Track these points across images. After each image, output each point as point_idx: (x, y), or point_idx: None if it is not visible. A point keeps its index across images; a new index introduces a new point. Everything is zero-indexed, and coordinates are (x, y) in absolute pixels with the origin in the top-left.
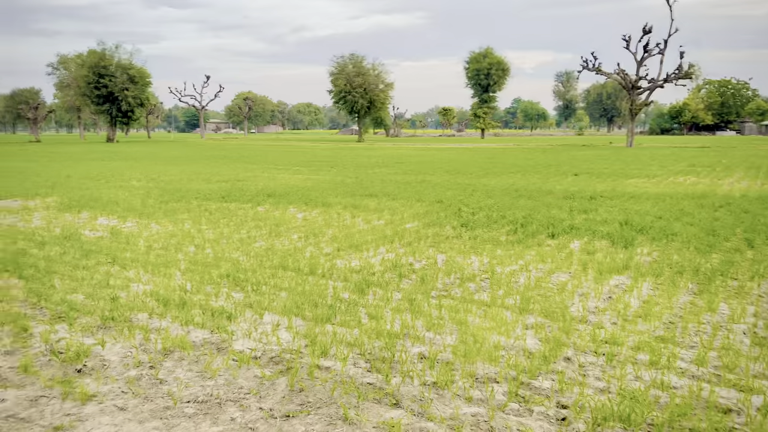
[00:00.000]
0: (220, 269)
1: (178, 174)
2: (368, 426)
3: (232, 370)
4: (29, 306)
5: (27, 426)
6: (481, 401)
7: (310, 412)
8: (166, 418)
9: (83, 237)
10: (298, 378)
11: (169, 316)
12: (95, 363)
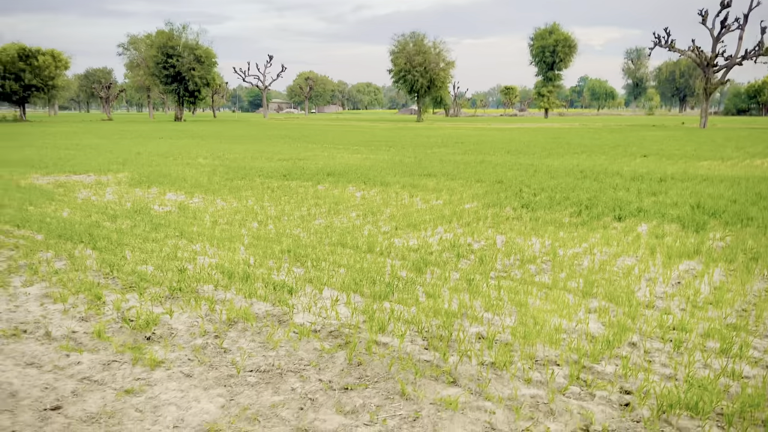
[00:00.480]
0: (282, 245)
1: (242, 152)
2: (425, 402)
3: (292, 342)
4: (102, 275)
5: (100, 388)
6: (541, 383)
7: (368, 386)
8: (230, 386)
9: (152, 211)
10: (356, 352)
11: (233, 288)
12: (163, 331)
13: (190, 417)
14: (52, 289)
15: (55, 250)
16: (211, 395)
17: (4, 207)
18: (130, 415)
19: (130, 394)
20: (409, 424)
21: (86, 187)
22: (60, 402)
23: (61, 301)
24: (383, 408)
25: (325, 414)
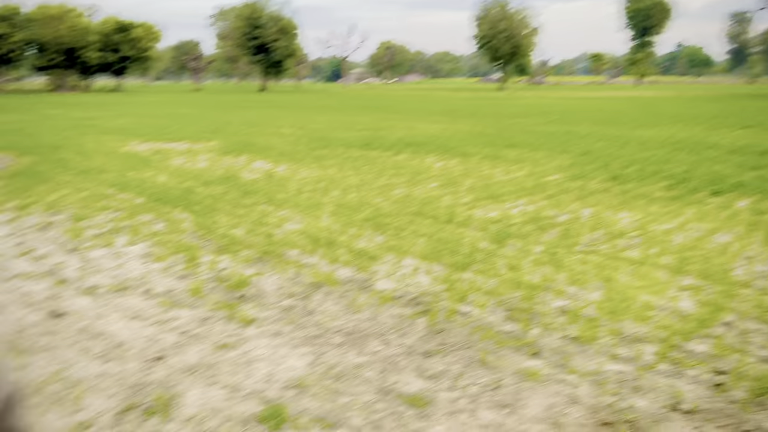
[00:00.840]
0: (363, 213)
1: (324, 122)
2: (506, 371)
3: (374, 307)
4: (197, 238)
5: (199, 341)
6: (628, 360)
7: (449, 353)
8: (316, 345)
9: (242, 178)
10: (436, 320)
11: (318, 253)
12: (254, 291)
13: (280, 372)
14: (152, 249)
15: (154, 213)
16: (299, 353)
17: (107, 172)
18: (225, 368)
19: (225, 348)
20: (491, 392)
21: (180, 154)
22: (162, 353)
23: (160, 261)
24: (464, 375)
25: (407, 377)
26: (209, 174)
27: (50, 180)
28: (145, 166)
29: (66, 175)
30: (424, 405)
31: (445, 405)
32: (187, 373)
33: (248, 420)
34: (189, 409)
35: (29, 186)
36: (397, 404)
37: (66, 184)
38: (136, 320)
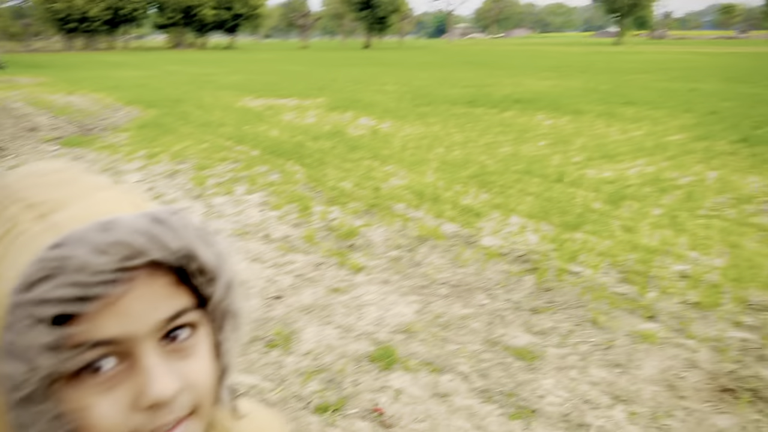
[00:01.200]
0: (468, 170)
1: (427, 79)
2: (619, 333)
3: (480, 262)
4: (309, 189)
5: (313, 284)
6: (753, 328)
7: (558, 311)
8: (423, 294)
9: (348, 134)
10: (545, 278)
11: (423, 208)
12: (362, 241)
13: (388, 317)
14: (268, 198)
15: (269, 165)
16: (407, 301)
17: (224, 125)
18: (338, 310)
19: (337, 292)
20: (602, 352)
21: (290, 110)
22: (281, 293)
23: (276, 209)
24: (574, 333)
25: (514, 331)
26: (317, 129)
27: (174, 131)
28: (258, 120)
29: (187, 127)
30: (533, 359)
31: (554, 360)
32: (304, 312)
33: (361, 359)
34: (306, 344)
35: (155, 136)
36: (504, 356)
37: (188, 136)
38: (256, 262)
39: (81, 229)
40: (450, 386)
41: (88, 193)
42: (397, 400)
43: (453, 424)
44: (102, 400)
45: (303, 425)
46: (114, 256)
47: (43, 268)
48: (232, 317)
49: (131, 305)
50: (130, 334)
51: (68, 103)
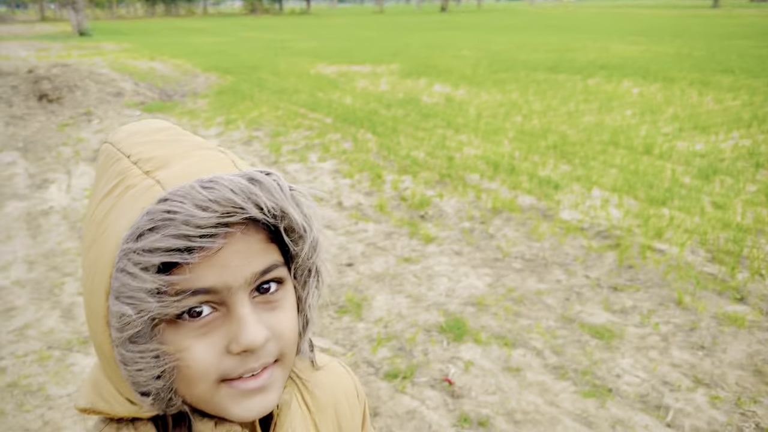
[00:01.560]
0: (547, 140)
1: (506, 43)
2: (705, 314)
3: (557, 236)
4: (381, 158)
5: (384, 252)
6: None
7: (640, 289)
8: (496, 267)
9: (422, 102)
10: (627, 255)
11: (498, 179)
12: (434, 212)
13: (460, 289)
14: (341, 166)
15: (342, 133)
16: (479, 273)
17: (299, 92)
18: (409, 279)
19: (408, 261)
20: (685, 333)
21: (363, 76)
22: (352, 260)
23: (348, 177)
24: (656, 312)
25: (592, 308)
26: (391, 96)
27: (250, 98)
28: (332, 87)
29: (263, 93)
30: (611, 337)
31: (633, 340)
32: (375, 281)
33: (430, 328)
34: (377, 312)
35: (233, 103)
36: (579, 333)
37: (264, 103)
38: (328, 229)
39: (185, 186)
40: (522, 361)
41: (190, 152)
42: (467, 371)
43: (524, 399)
44: (198, 344)
45: (373, 390)
46: (215, 212)
47: (151, 220)
48: (316, 274)
49: (229, 258)
50: (227, 284)
51: (150, 68)
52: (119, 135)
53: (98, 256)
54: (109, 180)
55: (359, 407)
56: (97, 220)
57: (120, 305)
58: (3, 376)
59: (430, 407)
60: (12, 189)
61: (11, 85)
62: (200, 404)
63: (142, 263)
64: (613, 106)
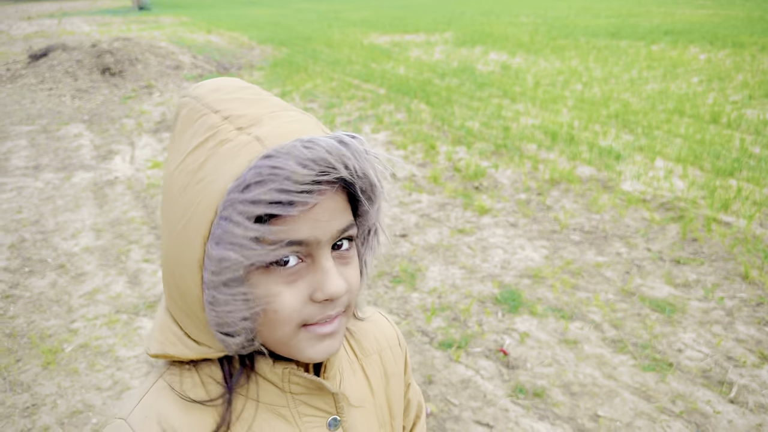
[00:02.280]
0: (608, 109)
1: (566, 9)
2: None
3: (618, 208)
4: (435, 128)
5: (438, 224)
6: None
7: (704, 263)
8: (553, 239)
9: (477, 70)
10: (691, 227)
11: (556, 149)
12: (489, 183)
13: (515, 261)
14: (394, 137)
15: (395, 104)
16: (535, 245)
17: (353, 63)
18: (463, 251)
19: (462, 233)
20: (751, 309)
21: (417, 45)
22: (406, 231)
23: (402, 148)
24: (720, 287)
25: (653, 282)
26: (445, 66)
27: (304, 69)
28: (385, 57)
29: (317, 65)
30: (672, 311)
31: (696, 314)
32: (428, 251)
33: (485, 300)
34: (431, 282)
35: (288, 75)
36: (640, 307)
37: (318, 74)
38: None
39: (288, 145)
40: (579, 334)
41: (277, 112)
42: (522, 343)
43: (581, 371)
44: (287, 290)
45: (427, 359)
46: (312, 170)
47: (259, 174)
48: (375, 233)
49: (321, 214)
50: (317, 238)
51: (207, 41)
52: (201, 90)
53: (195, 203)
54: (196, 133)
55: (401, 354)
56: (190, 170)
57: (221, 250)
58: (76, 338)
59: (485, 377)
60: (79, 160)
61: (76, 59)
62: (278, 346)
63: (247, 213)
64: (679, 73)
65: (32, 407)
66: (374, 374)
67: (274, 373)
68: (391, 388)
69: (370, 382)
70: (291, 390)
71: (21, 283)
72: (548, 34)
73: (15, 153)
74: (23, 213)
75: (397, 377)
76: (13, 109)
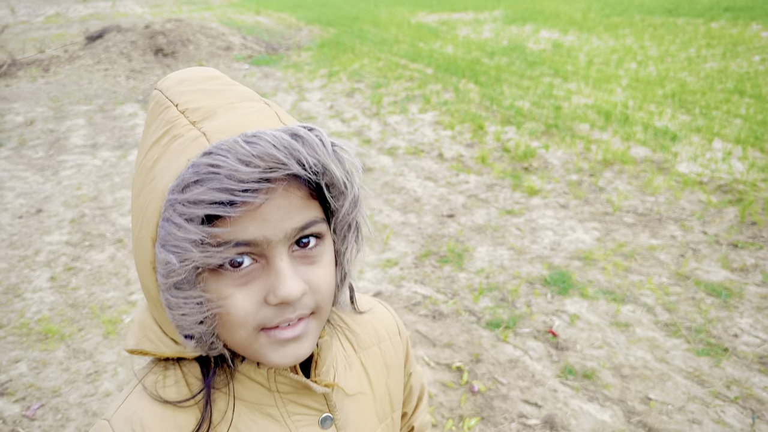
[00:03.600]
0: (664, 88)
1: None
2: None
3: (673, 190)
4: (483, 108)
5: (486, 204)
6: None
7: (763, 247)
8: (605, 222)
9: (527, 49)
10: (750, 210)
11: (609, 129)
12: (539, 163)
13: (565, 243)
14: (442, 117)
15: (443, 83)
16: (586, 227)
17: (400, 43)
18: (511, 232)
19: (511, 214)
20: None
21: (465, 24)
22: (453, 212)
23: (449, 128)
24: None
25: (709, 266)
26: (494, 44)
27: (351, 50)
28: (433, 36)
29: (364, 45)
30: (729, 296)
31: (753, 299)
32: (476, 232)
33: (534, 281)
34: (478, 263)
35: (335, 55)
36: (694, 291)
37: (365, 54)
38: (429, 180)
39: (229, 141)
40: (631, 317)
41: (236, 103)
42: (572, 325)
43: (632, 354)
44: (239, 292)
45: (475, 338)
46: (257, 167)
47: (196, 173)
48: (356, 230)
49: (270, 213)
50: (267, 238)
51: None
52: (168, 82)
53: (146, 203)
54: (158, 128)
55: (402, 344)
56: (146, 167)
57: (165, 253)
58: (134, 309)
59: (534, 357)
60: (134, 139)
61: (130, 40)
62: (240, 349)
63: (187, 214)
64: (739, 52)
65: (94, 374)
66: (374, 366)
67: (259, 374)
68: (391, 379)
69: (368, 374)
70: (278, 389)
71: (82, 257)
72: (601, 12)
73: (74, 132)
74: (83, 189)
75: (397, 368)
76: (72, 89)
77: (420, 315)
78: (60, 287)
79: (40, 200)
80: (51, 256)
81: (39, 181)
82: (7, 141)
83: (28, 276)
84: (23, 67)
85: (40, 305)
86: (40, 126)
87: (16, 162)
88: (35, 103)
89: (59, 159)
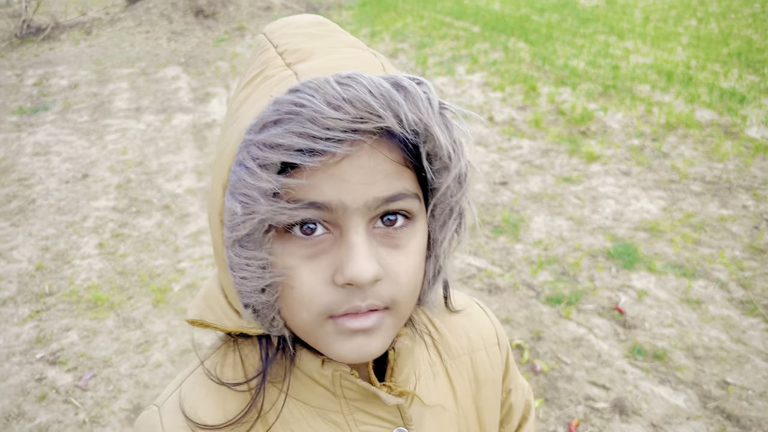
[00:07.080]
0: (729, 47)
1: None
2: None
3: (743, 156)
4: (534, 68)
5: (541, 171)
6: None
7: None
8: (671, 190)
9: (579, 5)
10: None
11: (672, 90)
12: (598, 127)
13: (629, 212)
14: (491, 78)
15: (491, 42)
16: (651, 196)
17: (444, 0)
18: (570, 201)
19: (569, 181)
20: None
21: None
22: (506, 179)
23: (499, 90)
24: None
25: None
26: (544, 1)
27: (394, 8)
28: None
29: (407, 3)
30: None
31: None
32: (531, 201)
33: (596, 254)
34: (535, 233)
35: (377, 14)
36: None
37: (408, 12)
38: (479, 146)
39: (319, 79)
40: (703, 293)
41: (337, 48)
42: (639, 301)
43: (706, 334)
44: (305, 265)
45: (535, 314)
46: (346, 113)
47: (276, 111)
48: (458, 216)
49: (352, 173)
50: (344, 203)
51: None
52: (274, 25)
53: (225, 146)
54: (253, 69)
55: (500, 356)
56: (233, 110)
57: (233, 201)
58: (183, 277)
59: (599, 336)
60: (178, 102)
61: (171, 2)
62: (302, 334)
63: (261, 159)
64: None
65: (145, 344)
66: (461, 379)
67: (323, 375)
68: (482, 396)
69: (454, 387)
70: (345, 395)
71: (129, 223)
72: None
73: (117, 95)
74: (128, 154)
75: (491, 383)
76: (114, 52)
77: (475, 288)
78: (108, 254)
79: (86, 165)
80: (98, 222)
81: (84, 145)
82: (52, 104)
83: (76, 242)
84: (66, 30)
85: (89, 272)
86: (84, 89)
87: (62, 126)
88: (78, 67)
89: (104, 123)
